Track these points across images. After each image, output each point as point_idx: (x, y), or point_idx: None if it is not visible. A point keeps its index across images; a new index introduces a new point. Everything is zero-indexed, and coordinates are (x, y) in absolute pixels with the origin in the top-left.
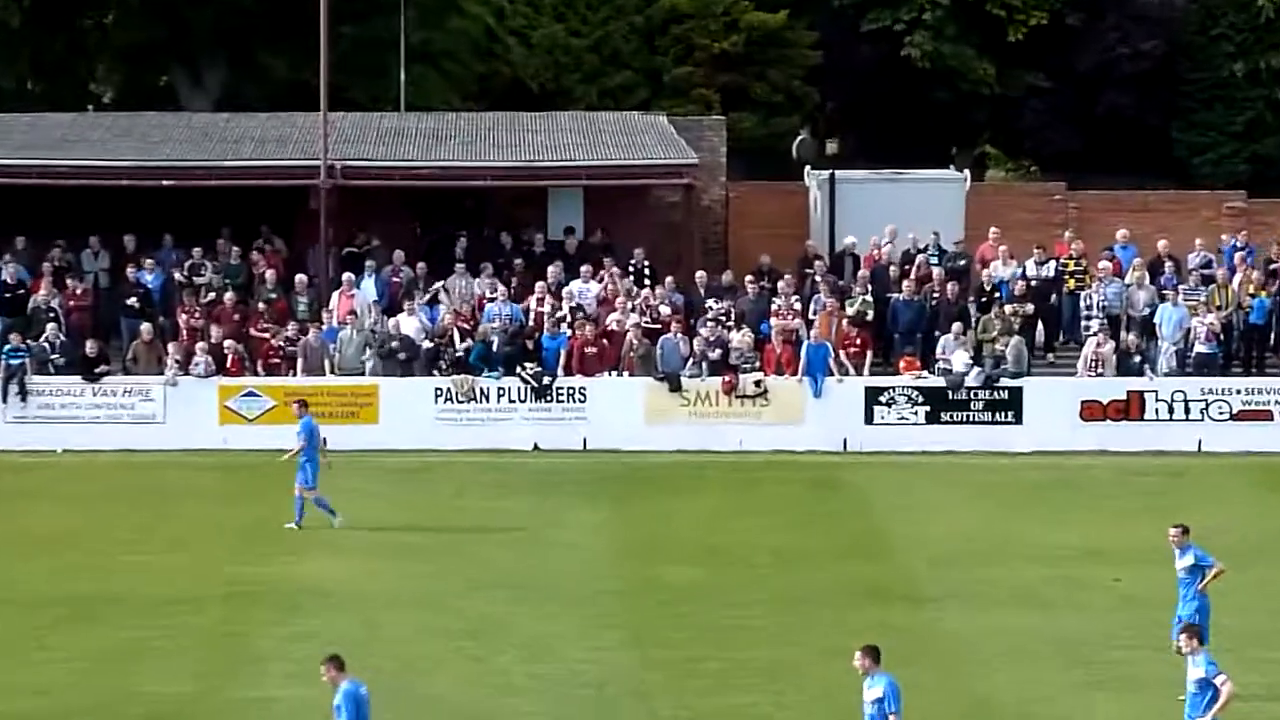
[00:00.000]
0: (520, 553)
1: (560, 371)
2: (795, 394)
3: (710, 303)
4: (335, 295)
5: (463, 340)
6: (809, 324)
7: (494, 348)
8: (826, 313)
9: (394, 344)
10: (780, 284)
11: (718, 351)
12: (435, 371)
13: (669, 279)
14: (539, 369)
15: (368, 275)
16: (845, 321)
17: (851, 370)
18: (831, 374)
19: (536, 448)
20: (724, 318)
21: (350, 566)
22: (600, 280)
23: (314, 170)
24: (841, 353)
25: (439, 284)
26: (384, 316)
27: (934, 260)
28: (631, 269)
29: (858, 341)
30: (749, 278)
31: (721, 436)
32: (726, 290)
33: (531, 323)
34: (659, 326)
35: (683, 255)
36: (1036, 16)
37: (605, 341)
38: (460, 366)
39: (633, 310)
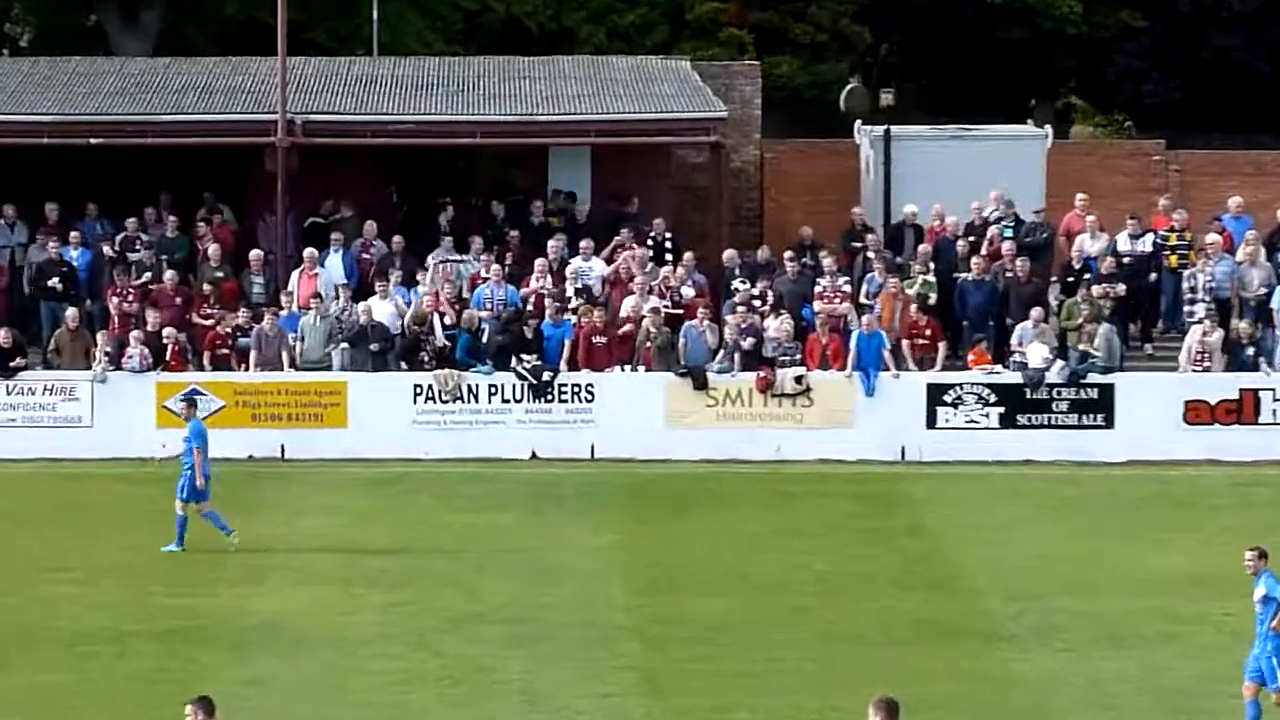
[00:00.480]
0: (515, 581)
1: (563, 365)
2: (843, 392)
3: (741, 284)
4: (295, 275)
5: (447, 328)
6: (859, 309)
7: (484, 337)
8: (889, 294)
9: (366, 332)
10: (825, 261)
11: (750, 341)
12: (414, 365)
13: (691, 255)
14: (538, 362)
15: (334, 251)
16: (913, 307)
17: (912, 364)
18: (886, 368)
19: (534, 456)
20: (758, 301)
21: (313, 598)
22: (611, 257)
23: (270, 126)
24: (905, 343)
25: (432, 262)
26: (353, 300)
27: (1008, 233)
28: (649, 243)
29: (926, 331)
30: (788, 254)
31: (755, 443)
32: (761, 268)
33: (529, 307)
34: (681, 312)
35: (709, 227)
36: None
37: (617, 330)
38: (444, 359)
39: (650, 293)
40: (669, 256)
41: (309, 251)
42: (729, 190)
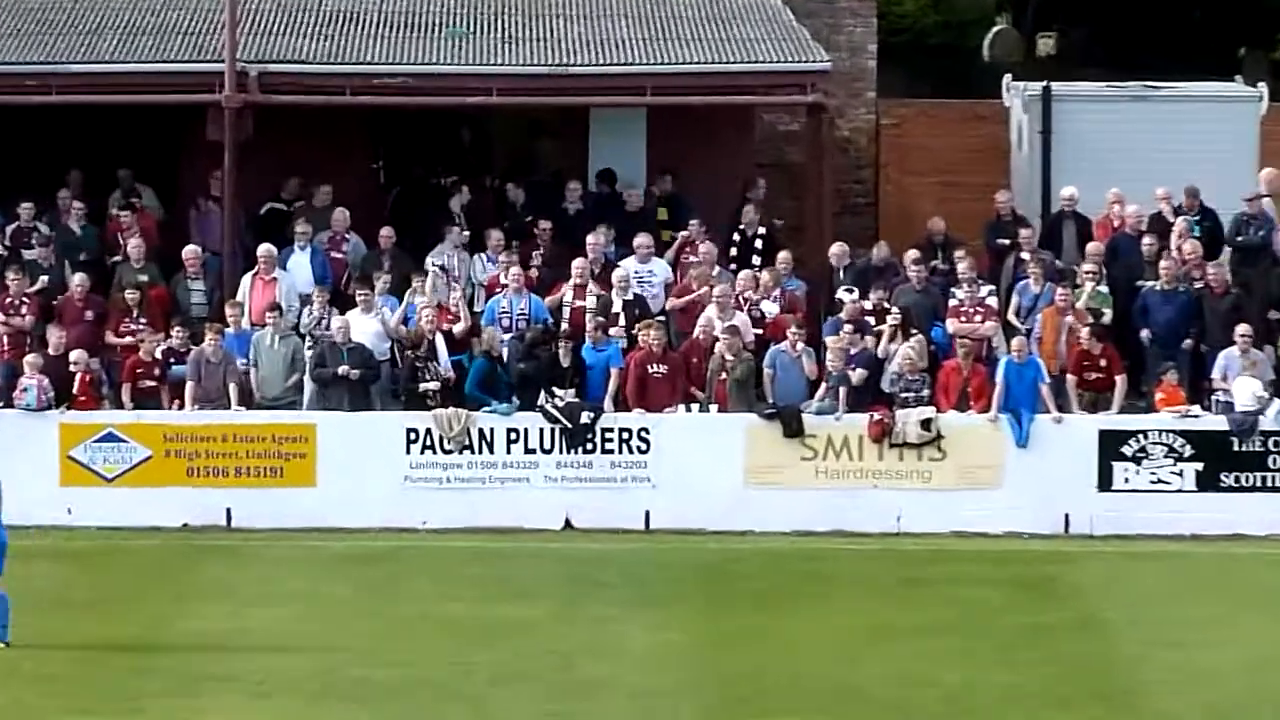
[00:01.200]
0: (542, 698)
1: (608, 403)
2: (987, 442)
3: (848, 294)
4: (246, 280)
5: (453, 353)
6: (1008, 329)
7: (503, 364)
8: (1050, 310)
9: (342, 358)
10: (962, 264)
11: (861, 373)
12: (409, 402)
13: (784, 256)
14: (574, 400)
15: (299, 248)
16: (1083, 330)
17: (1077, 406)
18: (1045, 409)
19: (569, 526)
20: (871, 319)
21: (272, 718)
22: (676, 259)
23: (213, 79)
24: (1070, 377)
25: (433, 263)
26: (326, 313)
27: (1195, 229)
28: (734, 240)
29: (1100, 360)
30: (912, 254)
31: (868, 509)
32: (876, 274)
33: (564, 325)
34: (766, 332)
35: (805, 218)
36: None
37: (681, 356)
38: (448, 395)
39: (726, 305)
40: (756, 258)
41: (265, 248)
42: (832, 168)
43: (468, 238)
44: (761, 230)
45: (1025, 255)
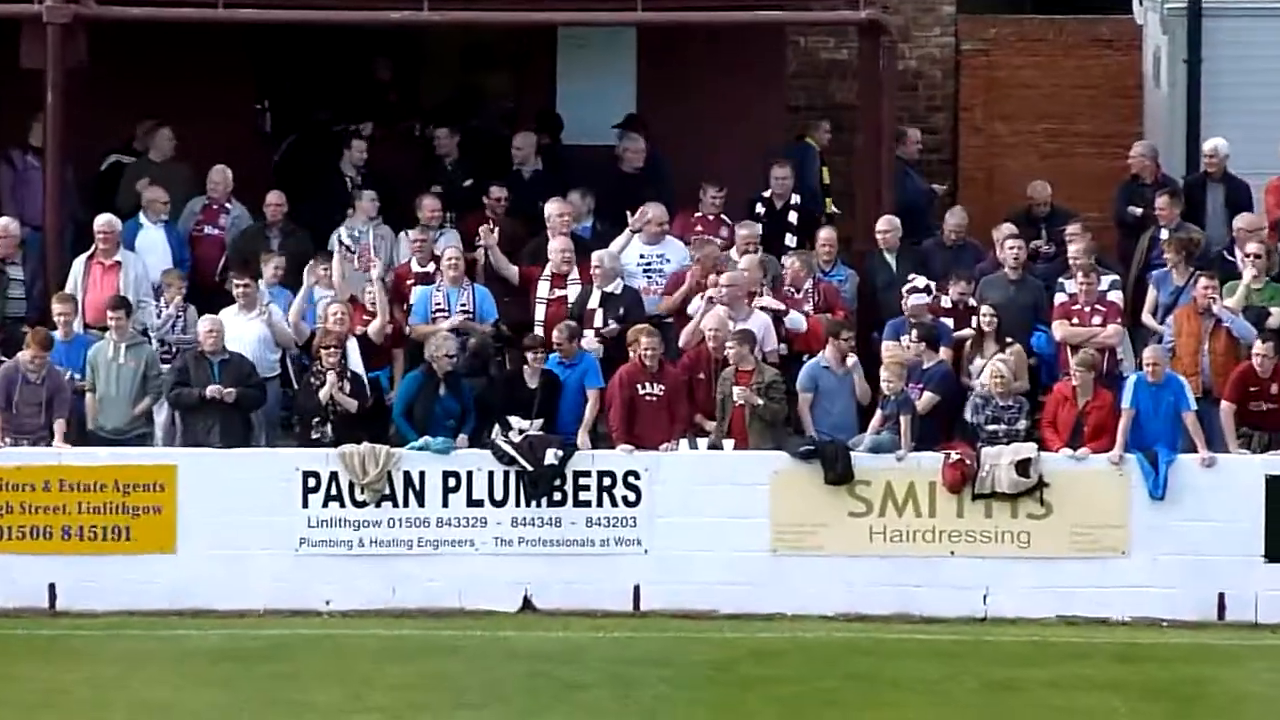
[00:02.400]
0: None
1: (583, 437)
2: (1109, 493)
3: (915, 286)
4: (79, 265)
5: (372, 367)
6: (1139, 335)
7: (438, 384)
8: (1193, 310)
9: (212, 372)
10: (1075, 244)
11: (931, 396)
12: (306, 436)
13: (826, 235)
14: (537, 432)
15: (153, 221)
16: (1260, 344)
17: (1233, 444)
18: (1192, 448)
19: (529, 607)
20: (948, 320)
21: None
22: (681, 234)
23: None
24: (1225, 405)
25: (341, 241)
26: (184, 311)
27: None
28: (758, 214)
29: (1272, 386)
30: (1004, 229)
31: (942, 585)
32: (954, 258)
33: (538, 328)
34: (796, 339)
35: (858, 180)
36: None
37: (684, 372)
38: (358, 424)
39: (749, 301)
40: (791, 235)
41: (105, 219)
42: (893, 112)
43: (373, 208)
44: (796, 199)
45: (1164, 234)
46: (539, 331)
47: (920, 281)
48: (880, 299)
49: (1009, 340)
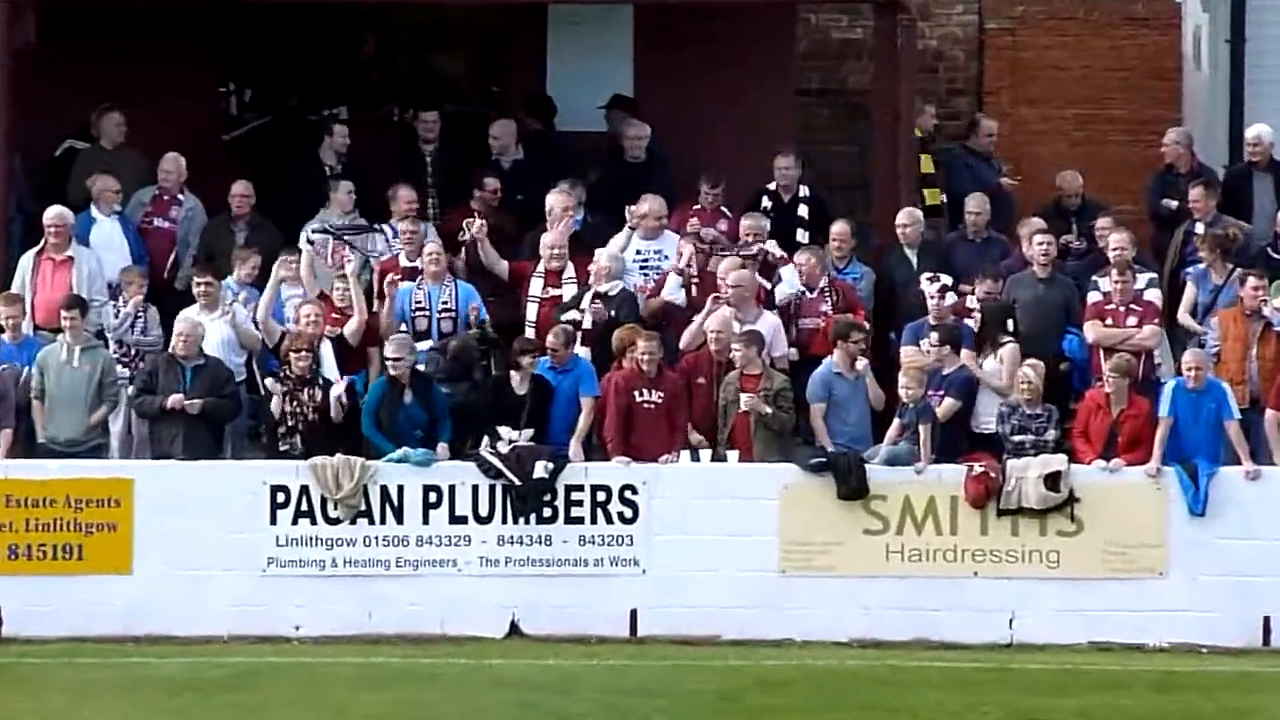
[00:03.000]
0: None
1: (575, 448)
2: (1145, 509)
3: (932, 284)
4: (26, 261)
5: (345, 372)
6: (1179, 337)
7: (414, 390)
8: (1237, 311)
9: (175, 377)
10: (1111, 237)
11: (953, 403)
12: (274, 447)
13: (839, 230)
14: (527, 443)
15: (105, 213)
16: None
17: (1278, 454)
18: (1236, 460)
19: (517, 632)
20: (970, 320)
21: None
22: (679, 229)
23: None
24: (1271, 414)
25: (310, 237)
26: (146, 311)
27: None
28: (764, 208)
29: None
30: (1031, 224)
31: (965, 608)
32: (976, 252)
33: (528, 329)
34: (812, 342)
35: (875, 171)
36: None
37: (684, 377)
38: (331, 434)
39: (756, 304)
40: (802, 230)
41: (55, 212)
42: (911, 96)
43: (348, 200)
44: (805, 191)
45: (1199, 229)
46: (530, 334)
47: (937, 281)
48: (899, 298)
49: (1005, 339)
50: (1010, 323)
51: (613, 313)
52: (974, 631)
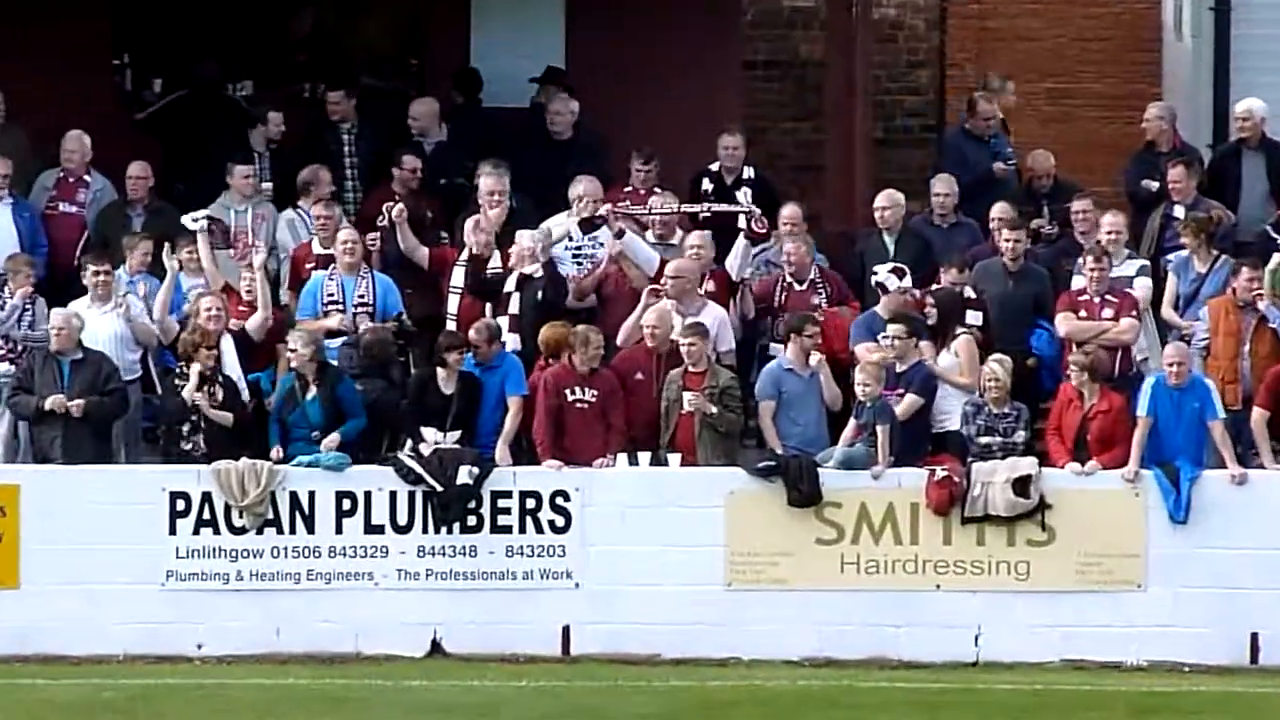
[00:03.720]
0: None
1: (502, 451)
2: (1124, 516)
3: (890, 274)
4: None
5: (252, 369)
6: (1159, 330)
7: (319, 387)
8: (1224, 301)
9: (63, 376)
10: (1105, 218)
11: (914, 400)
12: (173, 451)
13: (789, 214)
14: (451, 445)
15: None
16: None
17: (1266, 457)
18: (1220, 463)
19: (438, 651)
20: (931, 316)
21: None
22: (619, 214)
23: None
24: (1258, 412)
25: (196, 223)
26: (34, 304)
27: None
28: (705, 189)
29: None
30: (999, 211)
31: (927, 624)
32: (943, 241)
33: (451, 322)
34: (758, 335)
35: (830, 150)
36: None
37: (616, 374)
38: (235, 437)
39: (697, 294)
40: (745, 220)
41: None
42: (868, 68)
43: (260, 180)
44: (750, 173)
45: (1179, 212)
46: (451, 327)
47: (903, 276)
48: (858, 290)
49: (961, 332)
50: (975, 314)
51: (539, 294)
52: (937, 649)
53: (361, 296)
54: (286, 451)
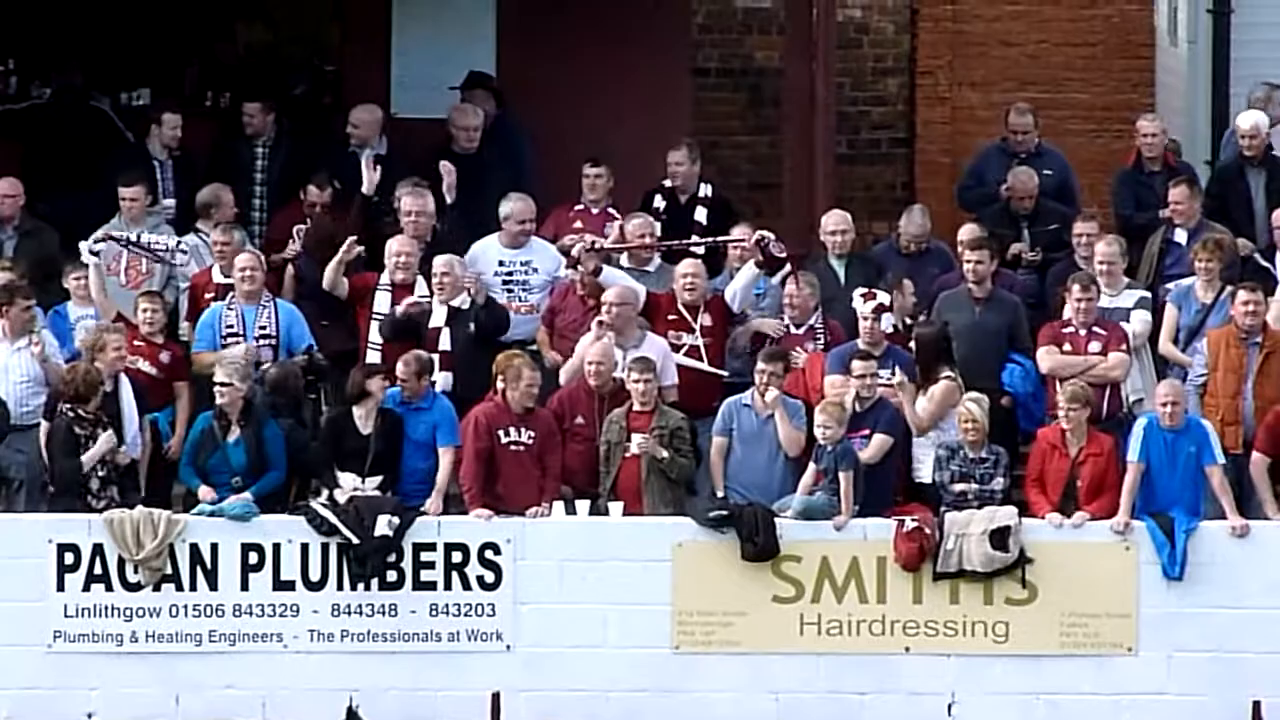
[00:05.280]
0: None
1: (435, 502)
2: (1113, 573)
3: (863, 300)
4: None
5: (146, 409)
6: (1160, 369)
7: (242, 427)
8: (1228, 331)
9: None
10: (1098, 246)
11: (883, 440)
12: (66, 499)
13: (742, 233)
14: (371, 493)
15: None
16: None
17: (1269, 505)
18: (1220, 514)
19: (354, 718)
20: (896, 356)
21: None
22: (555, 234)
23: None
24: (1257, 459)
25: (101, 246)
26: None
27: None
28: (657, 207)
29: None
30: (968, 233)
31: (896, 690)
32: (913, 266)
33: (373, 353)
34: (714, 368)
35: (789, 167)
36: None
37: (561, 414)
38: (122, 481)
39: (627, 321)
40: (698, 233)
41: None
42: (830, 76)
43: (172, 209)
44: (707, 191)
45: (1180, 235)
46: (374, 358)
47: (872, 300)
48: (824, 316)
49: (945, 376)
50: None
51: (470, 326)
52: (906, 718)
53: (263, 328)
54: (203, 507)
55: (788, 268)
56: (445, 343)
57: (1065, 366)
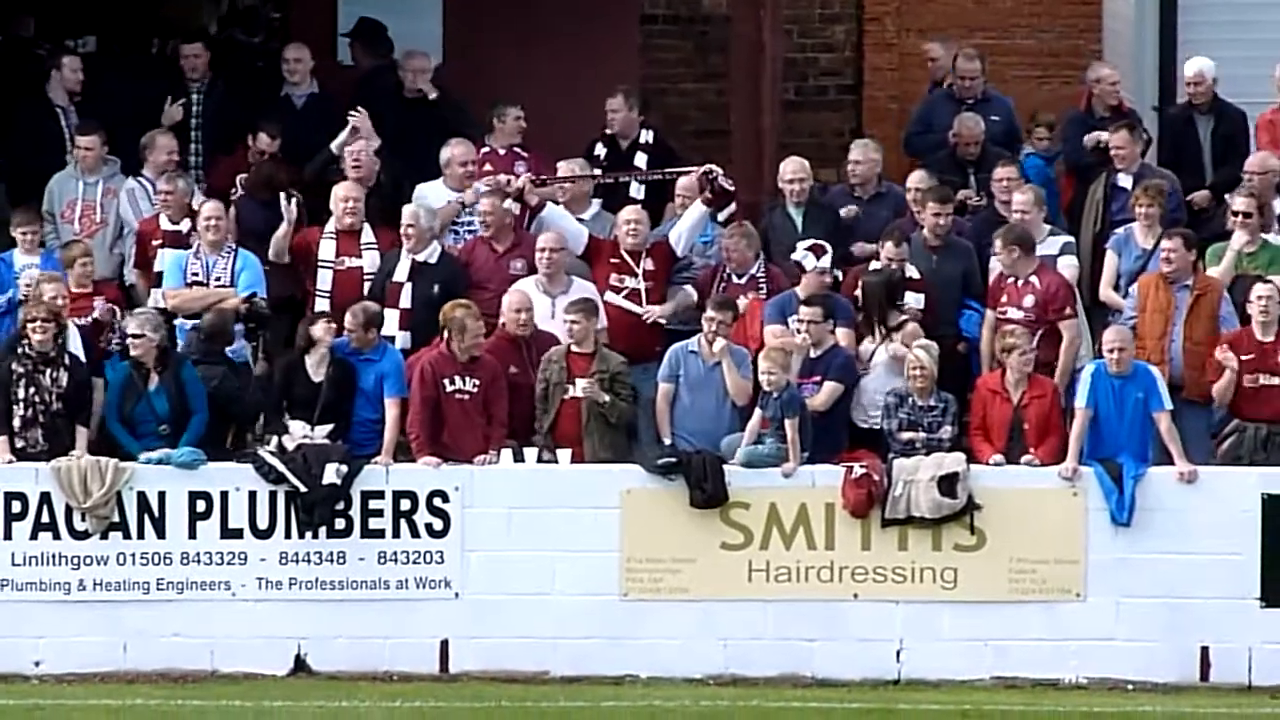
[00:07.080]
0: None
1: (386, 459)
2: (1061, 519)
3: (806, 252)
4: None
5: (105, 351)
6: (1098, 314)
7: (160, 376)
8: (1157, 277)
9: None
10: (1015, 195)
11: (834, 388)
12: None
13: (687, 184)
14: (320, 441)
15: None
16: (1259, 291)
17: (1182, 460)
18: (1168, 459)
19: (303, 668)
20: (832, 298)
21: None
22: (506, 190)
23: None
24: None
25: (57, 193)
26: None
27: None
28: (598, 155)
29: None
30: (916, 181)
31: (843, 639)
32: (857, 212)
33: (321, 299)
34: (662, 320)
35: (736, 116)
36: None
37: (509, 363)
38: (57, 432)
39: (591, 268)
40: (638, 188)
41: None
42: (777, 23)
43: (104, 149)
44: (648, 137)
45: (1123, 180)
46: (323, 306)
47: (823, 254)
48: (783, 266)
49: (899, 320)
50: (916, 297)
51: (436, 286)
52: (855, 666)
53: (218, 278)
54: (149, 456)
55: (733, 206)
56: (406, 299)
57: (1012, 316)
